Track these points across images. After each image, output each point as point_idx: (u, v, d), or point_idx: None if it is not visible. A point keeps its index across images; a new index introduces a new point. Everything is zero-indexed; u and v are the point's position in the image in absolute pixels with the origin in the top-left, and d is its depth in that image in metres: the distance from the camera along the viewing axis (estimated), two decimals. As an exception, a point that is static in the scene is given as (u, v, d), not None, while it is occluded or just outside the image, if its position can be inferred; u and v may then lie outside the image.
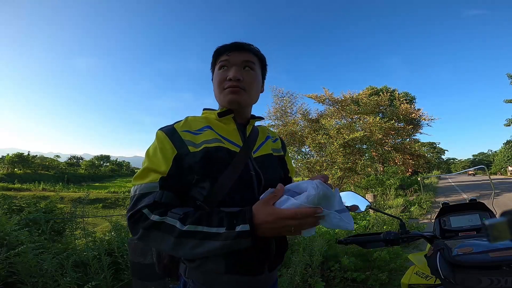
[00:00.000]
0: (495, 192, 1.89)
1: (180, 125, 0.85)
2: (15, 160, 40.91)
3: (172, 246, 0.70)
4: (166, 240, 0.70)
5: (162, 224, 0.70)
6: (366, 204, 1.18)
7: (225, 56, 0.89)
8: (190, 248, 0.69)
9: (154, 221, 0.70)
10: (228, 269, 0.77)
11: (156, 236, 0.71)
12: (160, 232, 0.70)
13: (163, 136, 0.81)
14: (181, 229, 0.69)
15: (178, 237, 0.69)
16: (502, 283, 0.73)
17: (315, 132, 12.24)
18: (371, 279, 3.04)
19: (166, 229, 0.70)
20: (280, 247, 0.87)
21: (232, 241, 0.67)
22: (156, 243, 0.72)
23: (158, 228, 0.70)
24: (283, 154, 1.02)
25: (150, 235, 0.71)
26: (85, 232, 2.88)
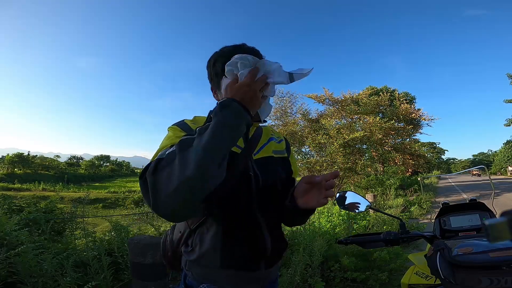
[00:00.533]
0: (495, 192, 1.89)
1: (189, 120, 0.88)
2: (15, 160, 40.92)
3: (179, 162, 0.61)
4: (173, 165, 0.62)
5: (163, 157, 0.64)
6: (366, 204, 1.18)
7: None
8: (195, 149, 0.62)
9: (157, 159, 0.64)
10: (223, 264, 0.80)
11: (164, 172, 0.62)
12: (165, 165, 0.63)
13: (175, 128, 0.84)
14: (179, 144, 0.64)
15: (180, 152, 0.62)
16: (502, 283, 0.73)
17: (315, 132, 12.25)
18: (371, 279, 3.04)
19: (169, 156, 0.63)
20: (277, 245, 0.88)
21: (220, 114, 0.66)
22: (168, 178, 0.61)
23: (162, 163, 0.63)
24: (287, 156, 1.02)
25: (158, 176, 0.62)
26: (85, 232, 2.88)
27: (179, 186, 0.59)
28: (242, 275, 0.82)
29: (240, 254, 0.81)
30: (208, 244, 0.81)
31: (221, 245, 0.80)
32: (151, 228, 4.07)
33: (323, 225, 4.63)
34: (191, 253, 0.84)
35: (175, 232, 0.92)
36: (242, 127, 0.68)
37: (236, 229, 0.82)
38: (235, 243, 0.81)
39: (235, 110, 0.67)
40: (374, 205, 7.20)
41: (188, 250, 0.85)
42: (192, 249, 0.84)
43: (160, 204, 0.61)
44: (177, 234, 0.90)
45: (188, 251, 0.85)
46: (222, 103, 0.68)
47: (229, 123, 0.66)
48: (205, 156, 0.60)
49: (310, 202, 0.81)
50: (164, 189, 0.60)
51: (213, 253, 0.80)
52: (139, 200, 21.33)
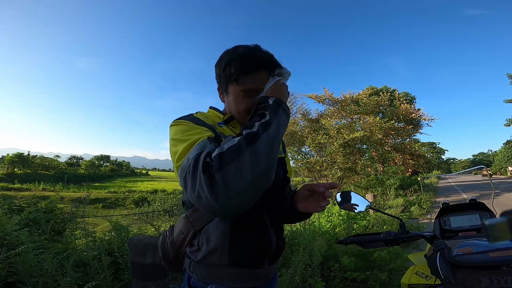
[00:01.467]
0: (495, 192, 1.89)
1: (197, 114, 0.88)
2: (15, 160, 40.90)
3: (253, 159, 0.60)
4: (243, 161, 0.60)
5: (225, 151, 0.62)
6: (366, 204, 1.18)
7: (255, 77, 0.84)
8: (265, 142, 0.64)
9: (218, 153, 0.62)
10: (230, 262, 0.81)
11: (233, 166, 0.60)
12: (232, 159, 0.60)
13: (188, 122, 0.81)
14: (247, 137, 0.63)
15: (249, 146, 0.62)
16: (502, 283, 0.73)
17: (315, 132, 12.24)
18: (371, 279, 3.04)
19: (234, 150, 0.61)
20: (279, 242, 0.91)
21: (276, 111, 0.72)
22: (239, 172, 0.60)
23: (226, 157, 0.61)
24: (284, 156, 1.04)
25: (227, 171, 0.60)
26: (85, 232, 2.88)
27: (254, 179, 0.60)
28: (247, 273, 0.84)
29: (247, 252, 0.82)
30: (215, 243, 0.81)
31: (228, 243, 0.81)
32: (151, 228, 4.07)
33: (323, 225, 4.63)
34: (197, 253, 0.83)
35: (176, 233, 0.91)
36: (287, 126, 0.77)
37: (243, 228, 0.83)
38: (242, 241, 0.82)
39: (286, 110, 0.75)
40: (374, 205, 7.20)
41: (194, 250, 0.84)
42: (198, 248, 0.84)
43: (233, 201, 0.61)
44: (179, 235, 0.89)
45: (193, 250, 0.85)
46: (276, 101, 0.75)
47: (285, 122, 0.74)
48: (273, 152, 0.66)
49: (309, 207, 0.87)
50: (236, 184, 0.59)
51: (220, 251, 0.81)
52: (139, 200, 21.32)
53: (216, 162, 0.61)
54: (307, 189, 0.88)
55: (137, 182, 44.26)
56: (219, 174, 0.60)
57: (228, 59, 0.85)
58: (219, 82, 0.91)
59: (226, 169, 0.60)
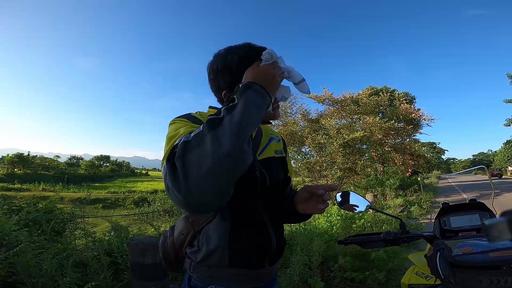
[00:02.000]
0: (495, 192, 1.89)
1: (196, 113, 0.85)
2: (15, 160, 40.89)
3: (213, 142, 0.57)
4: (204, 146, 0.58)
5: (190, 139, 0.60)
6: (366, 204, 1.18)
7: None
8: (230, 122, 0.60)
9: (183, 141, 0.60)
10: (231, 262, 0.80)
11: (194, 153, 0.58)
12: (194, 146, 0.58)
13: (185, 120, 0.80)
14: (208, 123, 0.61)
15: (211, 130, 0.59)
16: (502, 283, 0.73)
17: (315, 132, 12.24)
18: (369, 279, 3.04)
19: (197, 137, 0.59)
20: (280, 243, 0.91)
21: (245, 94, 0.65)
22: (200, 158, 0.57)
23: (190, 145, 0.59)
24: (284, 155, 1.04)
25: (188, 158, 0.57)
26: (85, 232, 2.88)
27: (215, 165, 0.55)
28: (248, 273, 0.83)
29: (248, 252, 0.82)
30: (215, 243, 0.81)
31: (229, 244, 0.81)
32: (151, 228, 4.07)
33: (322, 225, 4.63)
34: (197, 254, 0.83)
35: (176, 234, 0.91)
36: (265, 107, 0.69)
37: (243, 228, 0.83)
38: (242, 242, 0.82)
39: (258, 91, 0.68)
40: (374, 205, 7.20)
41: (194, 251, 0.84)
42: (198, 249, 0.83)
43: (193, 189, 0.56)
44: (179, 236, 0.89)
45: (194, 251, 0.84)
46: (245, 84, 0.68)
47: (255, 102, 0.65)
48: (239, 132, 0.58)
49: (309, 209, 0.87)
50: (197, 171, 0.56)
51: (220, 252, 0.80)
52: (139, 200, 21.31)
53: (180, 150, 0.59)
54: (307, 191, 0.87)
55: (137, 182, 44.27)
56: (179, 162, 0.57)
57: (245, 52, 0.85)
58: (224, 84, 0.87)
59: (187, 156, 0.57)
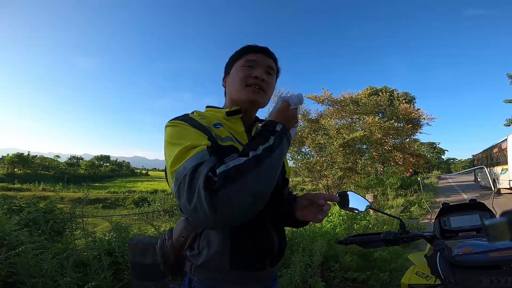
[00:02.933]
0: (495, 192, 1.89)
1: (193, 114, 0.85)
2: (15, 160, 40.86)
3: (255, 181, 0.62)
4: (246, 181, 0.61)
5: (231, 169, 0.62)
6: (366, 204, 1.18)
7: (254, 56, 0.93)
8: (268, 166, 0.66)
9: (224, 171, 0.62)
10: (232, 265, 0.80)
11: (236, 185, 0.60)
12: (236, 178, 0.61)
13: (183, 123, 0.78)
14: (251, 158, 0.65)
15: (255, 168, 0.63)
16: (502, 283, 0.73)
17: (315, 132, 12.24)
18: (371, 279, 3.03)
19: (239, 170, 0.62)
20: (281, 244, 0.90)
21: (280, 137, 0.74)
22: (241, 192, 0.61)
23: (231, 176, 0.61)
24: None
25: (231, 189, 0.60)
26: (85, 232, 2.88)
27: (254, 201, 0.63)
28: (250, 275, 0.83)
29: (249, 255, 0.82)
30: (216, 246, 0.80)
31: (230, 247, 0.80)
32: (151, 228, 4.07)
33: (323, 225, 4.63)
34: (197, 257, 0.82)
35: (176, 236, 0.89)
36: None
37: (245, 231, 0.82)
38: (244, 244, 0.81)
39: (288, 140, 0.77)
40: (374, 205, 7.20)
41: (195, 254, 0.83)
42: (199, 252, 0.82)
43: (228, 218, 0.62)
44: (179, 238, 0.88)
45: (194, 254, 0.83)
46: (283, 129, 0.76)
47: (285, 150, 0.75)
48: (273, 176, 0.68)
49: (308, 217, 0.88)
50: (237, 203, 0.60)
51: (221, 255, 0.79)
52: (139, 200, 21.29)
53: (221, 180, 0.60)
54: (307, 199, 0.88)
55: (137, 182, 44.22)
56: (222, 192, 0.60)
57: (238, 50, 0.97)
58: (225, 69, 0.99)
59: (230, 188, 0.60)
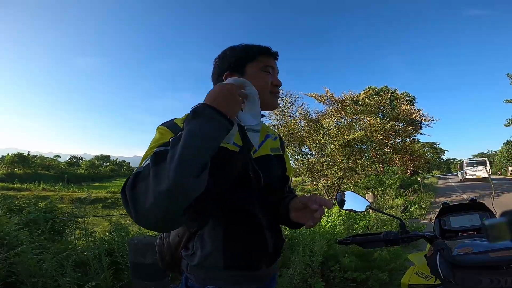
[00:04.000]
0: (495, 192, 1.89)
1: (180, 120, 0.84)
2: (15, 160, 40.85)
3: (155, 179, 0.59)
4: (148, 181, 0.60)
5: (141, 171, 0.62)
6: (366, 204, 1.18)
7: (270, 61, 0.92)
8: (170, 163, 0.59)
9: (135, 173, 0.63)
10: (226, 266, 0.80)
11: (141, 186, 0.61)
12: (142, 179, 0.61)
13: (164, 129, 0.79)
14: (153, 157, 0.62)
15: (154, 165, 0.60)
16: (502, 283, 0.73)
17: (315, 132, 12.23)
18: (371, 279, 3.03)
19: (146, 170, 0.62)
20: (277, 243, 0.90)
21: (194, 122, 0.64)
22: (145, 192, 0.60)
23: (140, 177, 0.62)
24: (282, 153, 1.02)
25: (136, 191, 0.61)
26: (85, 232, 2.88)
27: (156, 200, 0.58)
28: (245, 275, 0.83)
29: (243, 255, 0.81)
30: (209, 247, 0.80)
31: (223, 247, 0.80)
32: (151, 228, 4.06)
33: (323, 225, 4.63)
34: (192, 257, 0.83)
35: (173, 235, 0.90)
36: (219, 133, 0.66)
37: (237, 230, 0.82)
38: (237, 244, 0.81)
39: (208, 117, 0.65)
40: (374, 205, 7.20)
41: (189, 254, 0.84)
42: (193, 252, 0.83)
43: (141, 218, 0.60)
44: (175, 237, 0.89)
45: (189, 254, 0.84)
46: (195, 110, 0.66)
47: (203, 131, 0.63)
48: (179, 169, 0.58)
49: (301, 219, 0.86)
50: (142, 203, 0.59)
51: (215, 255, 0.80)
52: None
53: (130, 182, 0.62)
54: (301, 202, 0.86)
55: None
56: (129, 193, 0.61)
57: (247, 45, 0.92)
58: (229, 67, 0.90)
59: (136, 188, 0.61)
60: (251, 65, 0.89)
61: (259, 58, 0.90)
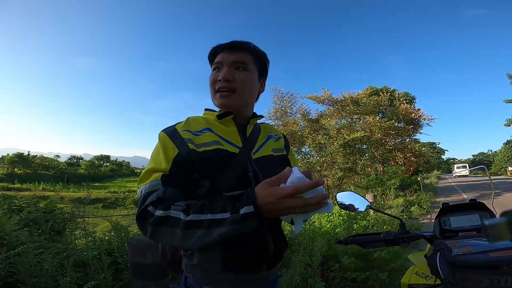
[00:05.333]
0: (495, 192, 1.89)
1: (181, 125, 0.86)
2: (15, 160, 40.84)
3: (180, 238, 0.69)
4: (174, 233, 0.70)
5: (167, 218, 0.70)
6: (366, 204, 1.18)
7: (219, 57, 0.91)
8: (198, 238, 0.68)
9: (159, 217, 0.70)
10: (225, 268, 0.79)
11: (165, 232, 0.71)
12: (166, 226, 0.70)
13: (165, 137, 0.83)
14: (185, 220, 0.69)
15: (184, 229, 0.69)
16: (502, 283, 0.73)
17: (315, 132, 12.24)
18: (371, 279, 3.03)
19: (172, 222, 0.70)
20: (278, 246, 0.87)
21: (238, 224, 0.66)
22: (166, 238, 0.72)
23: (164, 223, 0.70)
24: (286, 153, 1.01)
25: (158, 232, 0.71)
26: (85, 232, 2.88)
27: (175, 246, 0.87)
28: (244, 278, 0.82)
29: (242, 258, 0.80)
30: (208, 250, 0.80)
31: (222, 250, 0.79)
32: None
33: (323, 225, 4.63)
34: (191, 257, 0.83)
35: None
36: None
37: None
38: (236, 247, 0.80)
39: (248, 229, 0.68)
40: (374, 205, 7.20)
41: (188, 254, 0.84)
42: (192, 253, 0.83)
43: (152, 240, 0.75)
44: None
45: (188, 254, 0.84)
46: (246, 216, 0.66)
47: (237, 232, 0.68)
48: (206, 244, 0.69)
49: None
50: (159, 239, 0.74)
51: (214, 258, 0.79)
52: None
53: (154, 220, 0.71)
54: None
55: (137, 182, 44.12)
56: (151, 228, 0.72)
57: (208, 54, 0.97)
58: None
59: (157, 229, 0.72)
60: (212, 67, 0.94)
61: (213, 60, 0.93)
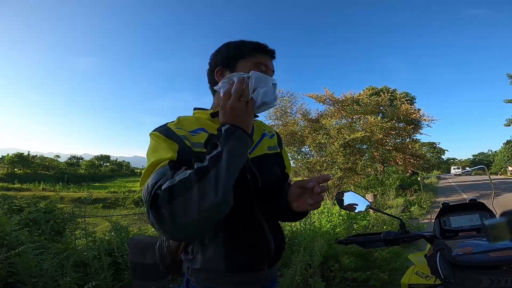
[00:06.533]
0: (495, 192, 1.89)
1: (173, 124, 0.83)
2: (15, 160, 40.85)
3: (200, 194, 0.61)
4: (191, 194, 0.61)
5: (175, 185, 0.62)
6: (366, 204, 1.18)
7: (264, 59, 0.88)
8: (216, 179, 0.63)
9: (169, 186, 0.62)
10: (228, 269, 0.79)
11: (180, 201, 0.61)
12: (181, 191, 0.62)
13: (159, 135, 0.78)
14: (193, 171, 0.64)
15: (197, 181, 0.62)
16: (502, 283, 0.73)
17: (315, 132, 12.23)
18: (372, 279, 3.03)
19: (183, 185, 0.62)
20: (278, 244, 0.88)
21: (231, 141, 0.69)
22: (186, 207, 0.61)
23: (175, 192, 0.62)
24: (280, 151, 1.00)
25: (178, 204, 0.61)
26: (85, 232, 2.88)
27: (201, 215, 0.61)
28: (247, 277, 0.82)
29: (244, 257, 0.81)
30: (210, 251, 0.80)
31: (224, 250, 0.79)
32: (151, 228, 4.07)
33: (324, 225, 4.63)
34: (193, 261, 0.82)
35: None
36: (246, 152, 0.74)
37: (238, 233, 0.81)
38: (238, 247, 0.80)
39: (240, 138, 0.71)
40: (374, 205, 7.20)
41: (190, 258, 0.83)
42: (193, 257, 0.82)
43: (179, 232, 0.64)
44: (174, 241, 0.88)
45: (189, 258, 0.83)
46: (228, 130, 0.71)
47: (239, 152, 0.70)
48: (224, 186, 0.64)
49: (303, 206, 0.83)
50: (183, 218, 0.61)
51: (216, 259, 0.79)
52: (139, 200, 21.30)
53: (165, 196, 0.62)
54: (298, 187, 0.84)
55: (137, 182, 44.17)
56: (165, 209, 0.61)
57: (242, 41, 0.91)
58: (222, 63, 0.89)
59: (173, 203, 0.61)
60: (243, 62, 0.86)
61: (252, 55, 0.87)
